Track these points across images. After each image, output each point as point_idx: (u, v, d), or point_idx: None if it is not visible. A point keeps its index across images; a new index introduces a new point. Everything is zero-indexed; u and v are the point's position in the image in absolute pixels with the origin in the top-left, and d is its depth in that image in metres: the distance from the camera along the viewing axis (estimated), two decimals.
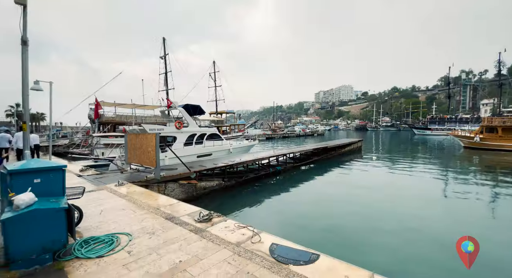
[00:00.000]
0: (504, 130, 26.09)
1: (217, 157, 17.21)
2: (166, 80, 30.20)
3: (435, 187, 12.56)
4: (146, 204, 5.71)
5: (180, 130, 16.11)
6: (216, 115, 37.94)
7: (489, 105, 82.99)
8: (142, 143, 9.51)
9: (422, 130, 63.36)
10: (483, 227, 7.61)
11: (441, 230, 7.22)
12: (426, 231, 7.09)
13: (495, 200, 10.48)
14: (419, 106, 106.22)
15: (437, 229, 7.30)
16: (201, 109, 19.94)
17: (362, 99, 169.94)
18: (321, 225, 7.59)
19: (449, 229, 7.30)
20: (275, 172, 14.27)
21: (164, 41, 30.85)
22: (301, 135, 61.44)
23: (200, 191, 10.30)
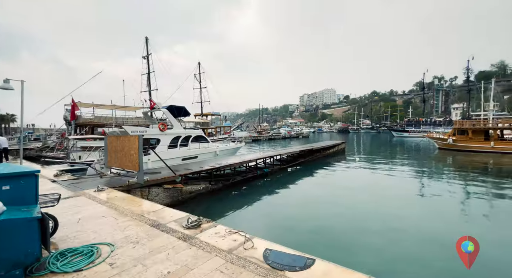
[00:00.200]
0: (473, 132, 27.97)
1: (203, 159, 16.85)
2: (149, 80, 29.25)
3: (414, 187, 13.10)
4: (129, 211, 5.38)
5: (164, 133, 15.61)
6: (201, 117, 37.30)
7: (459, 109, 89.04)
8: (123, 145, 9.05)
9: (400, 133, 66.40)
10: (461, 224, 8.01)
11: (424, 229, 7.48)
12: (410, 230, 7.32)
13: (468, 197, 11.11)
14: (397, 110, 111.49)
15: (420, 228, 7.56)
16: (186, 111, 19.48)
17: (344, 103, 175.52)
18: (310, 227, 7.59)
19: (431, 227, 7.59)
20: (263, 174, 14.21)
21: (147, 40, 29.92)
22: (286, 138, 62.09)
23: (186, 195, 9.97)
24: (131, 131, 13.85)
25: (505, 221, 8.25)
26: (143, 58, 29.95)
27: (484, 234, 6.98)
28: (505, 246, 6.35)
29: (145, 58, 29.90)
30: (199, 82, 37.90)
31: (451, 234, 7.06)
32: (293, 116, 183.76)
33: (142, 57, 29.76)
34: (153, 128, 15.61)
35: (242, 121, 66.86)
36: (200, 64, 37.67)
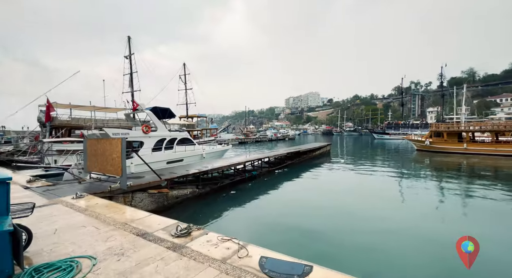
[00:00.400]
0: (448, 135, 29.67)
1: (189, 162, 16.43)
2: (131, 81, 28.23)
3: (397, 188, 13.59)
4: (111, 219, 5.04)
5: (148, 135, 15.07)
6: (187, 119, 36.55)
7: (433, 113, 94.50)
8: (105, 148, 8.57)
9: (381, 135, 69.08)
10: (443, 222, 8.37)
11: (409, 229, 7.72)
12: (399, 231, 7.52)
13: (444, 196, 11.68)
14: (377, 113, 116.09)
15: (405, 228, 7.79)
16: (171, 113, 18.96)
17: (328, 106, 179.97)
18: (301, 230, 7.55)
19: (414, 226, 7.84)
20: (251, 176, 14.07)
21: (129, 40, 28.93)
22: (273, 140, 62.42)
23: (172, 200, 9.61)
24: (113, 134, 13.22)
25: (477, 217, 8.72)
26: (125, 58, 28.90)
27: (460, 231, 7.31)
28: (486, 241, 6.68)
29: (127, 58, 28.87)
30: (184, 84, 37.19)
31: (434, 232, 7.34)
32: (279, 118, 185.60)
33: (125, 56, 28.71)
34: (136, 131, 15.03)
35: (229, 123, 66.42)
36: (185, 65, 37.01)
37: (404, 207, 10.24)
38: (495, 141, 26.92)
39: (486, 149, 26.66)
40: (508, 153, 24.79)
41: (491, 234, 7.23)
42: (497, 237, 6.99)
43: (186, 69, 36.83)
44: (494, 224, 8.24)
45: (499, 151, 25.47)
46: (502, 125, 27.63)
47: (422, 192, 12.41)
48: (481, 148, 27.04)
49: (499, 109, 78.19)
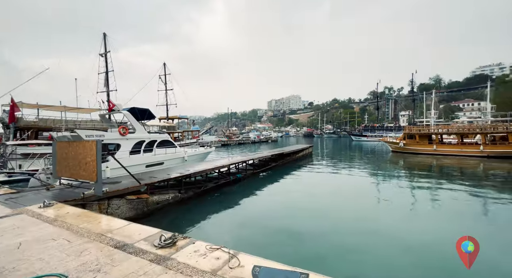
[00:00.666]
0: (420, 137, 31.61)
1: (170, 166, 15.81)
2: (107, 80, 26.71)
3: (375, 188, 14.10)
4: (85, 230, 4.59)
5: (125, 137, 14.29)
6: (167, 121, 35.36)
7: (405, 116, 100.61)
8: (77, 152, 7.89)
9: (358, 137, 71.99)
10: (420, 221, 8.77)
11: (390, 229, 7.97)
12: (381, 231, 7.72)
13: (415, 194, 12.33)
14: (355, 116, 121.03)
15: (387, 228, 8.03)
16: (150, 114, 18.18)
17: (309, 109, 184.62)
18: (290, 234, 7.48)
19: (396, 226, 8.13)
20: (236, 179, 13.83)
21: (105, 37, 27.43)
22: (256, 142, 62.41)
23: (152, 206, 9.10)
24: (86, 136, 12.36)
25: (448, 213, 9.27)
26: (100, 56, 27.33)
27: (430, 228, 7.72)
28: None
29: (102, 56, 27.32)
30: (165, 84, 36.02)
31: (413, 231, 7.64)
32: (262, 121, 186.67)
33: (100, 54, 27.14)
34: (112, 133, 14.18)
35: (211, 125, 65.16)
36: (166, 65, 35.89)
37: (384, 206, 10.60)
38: (461, 142, 29.12)
39: (453, 150, 28.75)
40: (472, 154, 26.91)
41: (462, 229, 7.70)
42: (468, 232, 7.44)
43: (166, 69, 35.73)
44: (463, 219, 8.80)
45: (464, 152, 27.58)
46: (466, 128, 29.97)
47: (398, 191, 13.02)
48: (448, 149, 29.12)
49: (462, 113, 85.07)
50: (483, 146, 26.62)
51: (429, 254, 6.16)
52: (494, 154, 25.64)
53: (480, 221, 8.84)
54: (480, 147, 26.71)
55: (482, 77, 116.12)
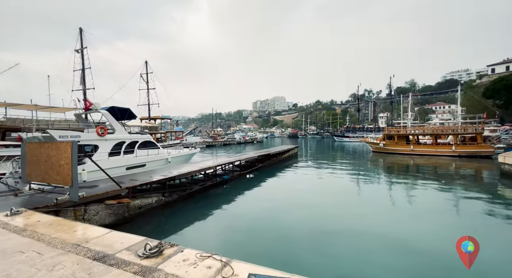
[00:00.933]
0: (398, 138, 33.09)
1: (152, 168, 15.18)
2: (83, 78, 25.21)
3: (358, 187, 14.43)
4: (59, 240, 4.15)
5: (104, 138, 13.53)
6: (149, 121, 34.10)
7: (384, 118, 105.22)
8: (50, 154, 7.25)
9: (341, 138, 74.11)
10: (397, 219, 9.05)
11: (376, 227, 8.12)
12: (370, 231, 7.84)
13: (398, 192, 12.80)
14: (337, 118, 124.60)
15: (374, 226, 8.18)
16: (131, 113, 17.38)
17: (293, 110, 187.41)
18: (281, 236, 7.36)
19: (377, 225, 8.31)
20: (222, 181, 13.54)
21: (81, 32, 25.91)
22: (241, 143, 62.02)
23: (134, 211, 8.60)
24: (59, 137, 11.52)
25: (423, 210, 9.68)
26: (76, 52, 25.75)
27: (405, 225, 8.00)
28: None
29: (78, 52, 25.76)
30: (146, 83, 34.74)
31: (395, 229, 7.84)
32: (247, 121, 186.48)
33: (75, 50, 25.58)
34: (89, 133, 13.36)
35: (196, 126, 63.68)
36: (148, 63, 34.64)
37: (368, 205, 10.84)
38: (435, 143, 30.84)
39: (428, 150, 30.37)
40: (445, 153, 28.58)
41: (434, 222, 8.05)
42: (441, 228, 7.79)
43: (148, 67, 34.49)
44: (438, 215, 9.21)
45: (438, 152, 29.23)
46: (440, 130, 31.83)
47: (381, 189, 13.47)
48: (424, 149, 30.73)
49: (435, 115, 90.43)
50: (455, 146, 28.36)
51: (413, 251, 6.34)
52: (465, 153, 27.41)
53: (451, 215, 9.30)
54: (452, 147, 28.44)
55: (452, 81, 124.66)
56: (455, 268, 5.15)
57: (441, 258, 5.88)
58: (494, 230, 7.85)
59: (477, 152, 26.76)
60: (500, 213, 9.36)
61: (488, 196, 11.65)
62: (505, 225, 8.26)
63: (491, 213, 9.39)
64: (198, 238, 7.61)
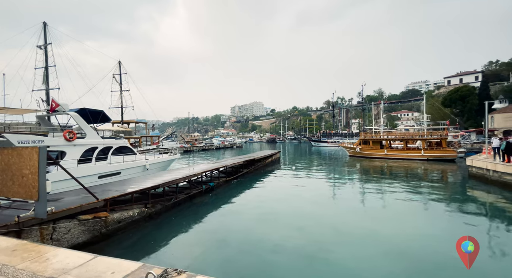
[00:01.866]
0: (373, 142, 34.80)
1: (128, 176, 13.89)
2: (46, 76, 22.69)
3: (341, 191, 14.60)
4: (28, 273, 3.24)
5: (72, 143, 12.09)
6: (122, 125, 31.78)
7: (356, 124, 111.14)
8: (9, 162, 6.05)
9: (318, 143, 76.40)
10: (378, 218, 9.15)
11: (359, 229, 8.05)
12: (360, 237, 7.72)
13: (378, 195, 13.15)
14: (313, 123, 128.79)
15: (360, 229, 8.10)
16: (105, 116, 15.90)
17: (271, 115, 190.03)
18: (281, 249, 6.89)
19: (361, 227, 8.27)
20: (208, 189, 12.73)
21: (45, 26, 23.45)
22: (220, 148, 60.66)
23: (113, 225, 7.53)
24: (18, 142, 9.96)
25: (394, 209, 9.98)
26: (38, 48, 23.15)
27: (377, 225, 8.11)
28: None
29: (41, 48, 23.19)
30: (120, 84, 32.47)
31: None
32: (225, 126, 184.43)
33: (38, 46, 23.00)
34: (54, 138, 11.84)
35: (173, 130, 60.52)
36: (121, 64, 32.48)
37: (362, 212, 10.87)
38: (406, 147, 32.95)
39: (400, 154, 32.31)
40: (415, 157, 30.61)
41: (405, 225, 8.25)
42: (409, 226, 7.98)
43: (122, 68, 32.32)
44: (422, 216, 9.52)
45: (409, 156, 31.22)
46: (410, 135, 34.15)
47: (362, 192, 13.69)
48: (396, 153, 32.64)
49: (400, 122, 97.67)
50: (423, 150, 30.53)
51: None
52: (432, 157, 29.60)
53: (430, 216, 9.67)
54: (421, 151, 30.58)
55: (414, 91, 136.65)
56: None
57: (426, 259, 5.94)
58: (470, 227, 8.25)
59: (443, 156, 29.06)
60: (471, 210, 10.05)
61: (460, 197, 12.58)
62: (476, 219, 8.76)
63: (464, 211, 10.02)
64: (188, 254, 6.82)
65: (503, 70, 72.55)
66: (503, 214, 9.88)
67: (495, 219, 9.42)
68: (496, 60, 78.81)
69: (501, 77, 70.30)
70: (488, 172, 14.50)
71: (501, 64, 76.08)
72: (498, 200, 11.61)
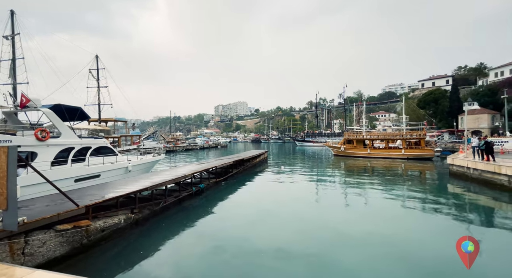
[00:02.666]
0: (357, 142, 35.75)
1: (109, 179, 12.90)
2: (13, 69, 20.53)
3: (328, 191, 14.64)
4: None
5: (45, 143, 10.97)
6: (99, 123, 29.79)
7: (337, 124, 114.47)
8: None
9: (302, 142, 77.52)
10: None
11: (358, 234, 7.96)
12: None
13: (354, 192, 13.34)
14: (296, 123, 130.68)
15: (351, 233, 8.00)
16: (82, 113, 14.70)
17: (255, 115, 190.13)
18: (280, 258, 6.54)
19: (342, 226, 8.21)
20: (198, 190, 12.09)
21: (12, 15, 21.21)
22: (205, 148, 59.19)
23: (95, 235, 6.74)
24: None
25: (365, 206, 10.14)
26: (5, 39, 20.86)
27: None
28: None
29: (8, 39, 20.90)
30: (97, 80, 30.39)
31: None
32: (209, 126, 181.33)
33: (4, 37, 20.71)
34: (24, 137, 10.64)
35: (155, 129, 57.67)
36: (99, 58, 30.43)
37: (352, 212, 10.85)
38: (388, 147, 34.21)
39: (382, 153, 33.49)
40: (396, 156, 31.85)
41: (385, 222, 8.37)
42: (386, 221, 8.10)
43: (100, 62, 30.30)
44: (413, 213, 9.70)
45: (391, 155, 32.43)
46: (391, 135, 35.51)
47: (351, 191, 13.81)
48: (379, 152, 33.79)
49: (378, 123, 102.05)
50: (404, 149, 31.86)
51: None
52: (412, 156, 30.97)
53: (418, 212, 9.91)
54: (402, 150, 31.90)
55: (390, 93, 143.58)
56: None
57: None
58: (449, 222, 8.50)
59: (422, 155, 30.50)
60: (456, 207, 10.57)
61: (444, 194, 13.14)
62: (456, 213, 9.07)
63: (450, 208, 10.40)
64: (180, 265, 6.24)
65: (470, 75, 78.30)
66: (484, 210, 10.37)
67: (478, 215, 9.89)
68: (465, 65, 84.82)
69: (469, 81, 75.83)
70: (468, 170, 15.25)
71: (469, 69, 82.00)
72: (479, 197, 12.20)
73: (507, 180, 12.15)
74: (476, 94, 59.45)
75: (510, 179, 11.93)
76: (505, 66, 62.29)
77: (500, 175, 12.55)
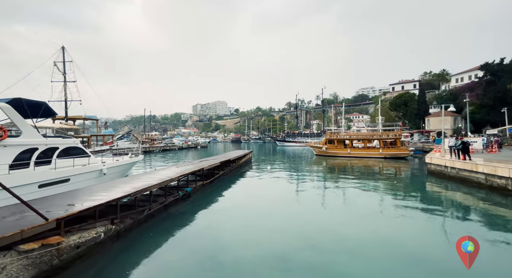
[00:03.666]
0: (338, 142, 36.66)
1: (80, 184, 11.47)
2: None
3: (311, 190, 14.54)
4: None
5: (2, 143, 9.43)
6: (66, 122, 27.00)
7: (315, 125, 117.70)
8: None
9: (282, 142, 78.18)
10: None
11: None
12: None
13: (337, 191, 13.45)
14: (276, 124, 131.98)
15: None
16: (48, 109, 12.96)
17: (235, 115, 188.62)
18: (282, 269, 6.00)
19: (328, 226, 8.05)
20: (185, 195, 11.13)
21: None
22: (183, 148, 56.82)
23: (69, 253, 5.63)
24: None
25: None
26: None
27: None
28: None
29: None
30: (63, 74, 27.52)
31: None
32: (187, 125, 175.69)
33: None
34: None
35: (130, 128, 53.80)
36: (66, 50, 27.56)
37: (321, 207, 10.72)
38: (366, 147, 35.54)
39: (361, 152, 34.69)
40: (374, 156, 33.18)
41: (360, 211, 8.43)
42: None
43: (66, 54, 27.45)
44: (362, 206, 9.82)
45: (369, 154, 33.72)
46: (370, 135, 36.95)
47: (336, 191, 13.85)
48: (358, 152, 34.95)
49: (352, 124, 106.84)
50: (381, 149, 33.30)
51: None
52: (389, 155, 32.45)
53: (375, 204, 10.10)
54: (380, 150, 33.31)
55: (363, 96, 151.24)
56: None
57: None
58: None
59: (398, 154, 32.09)
60: (436, 204, 11.00)
61: (422, 192, 13.70)
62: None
63: (430, 205, 10.77)
64: None
65: (435, 80, 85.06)
66: (462, 206, 10.88)
67: (456, 211, 10.36)
68: (430, 71, 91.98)
69: (433, 86, 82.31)
70: (446, 168, 16.08)
71: (433, 75, 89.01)
72: (457, 194, 12.80)
73: (484, 178, 12.89)
74: (440, 98, 64.67)
75: (487, 177, 12.66)
76: (464, 73, 68.60)
77: (477, 173, 13.30)
